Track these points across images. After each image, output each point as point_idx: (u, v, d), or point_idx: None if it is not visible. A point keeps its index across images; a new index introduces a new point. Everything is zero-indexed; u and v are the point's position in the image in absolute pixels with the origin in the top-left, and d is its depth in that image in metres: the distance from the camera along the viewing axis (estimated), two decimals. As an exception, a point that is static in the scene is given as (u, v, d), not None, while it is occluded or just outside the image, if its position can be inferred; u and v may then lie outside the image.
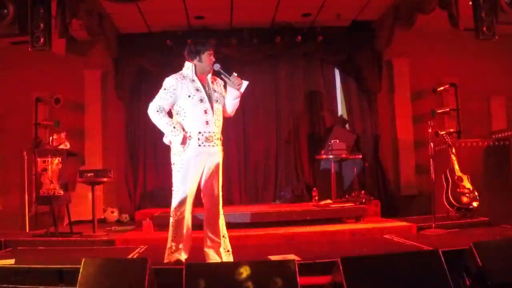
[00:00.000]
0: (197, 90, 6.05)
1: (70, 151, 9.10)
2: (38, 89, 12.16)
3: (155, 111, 6.01)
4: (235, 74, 6.16)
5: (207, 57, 6.15)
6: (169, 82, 6.08)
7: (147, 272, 4.87)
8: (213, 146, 6.07)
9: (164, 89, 6.06)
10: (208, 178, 6.16)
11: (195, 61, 6.17)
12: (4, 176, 12.20)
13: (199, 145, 6.00)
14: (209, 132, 6.02)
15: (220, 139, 6.21)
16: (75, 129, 12.09)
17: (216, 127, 6.10)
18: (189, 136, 5.98)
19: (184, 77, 6.12)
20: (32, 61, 11.92)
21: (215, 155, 6.14)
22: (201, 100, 6.02)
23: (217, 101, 6.15)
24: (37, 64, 12.05)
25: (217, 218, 6.19)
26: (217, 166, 6.17)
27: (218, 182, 6.21)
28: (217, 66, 6.19)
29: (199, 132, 6.00)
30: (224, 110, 6.32)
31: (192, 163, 6.02)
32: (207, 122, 6.02)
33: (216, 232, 6.17)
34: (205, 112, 6.01)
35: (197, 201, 6.33)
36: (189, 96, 6.00)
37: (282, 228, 8.73)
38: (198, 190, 6.24)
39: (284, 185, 12.38)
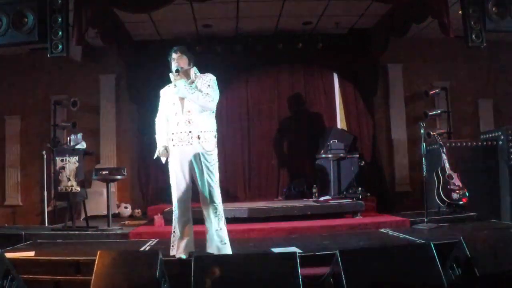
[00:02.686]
0: (174, 94, 6.14)
1: (86, 151, 9.11)
2: (57, 93, 12.24)
3: (156, 124, 6.46)
4: (171, 73, 6.15)
5: (172, 65, 6.22)
6: (160, 93, 6.40)
7: (158, 264, 4.88)
8: (186, 145, 5.99)
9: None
10: (197, 174, 6.08)
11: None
12: (25, 174, 12.27)
13: (173, 145, 6.09)
14: (181, 132, 6.01)
15: (198, 137, 5.98)
16: (91, 130, 12.11)
17: (188, 126, 5.99)
18: (170, 138, 6.17)
19: (169, 86, 6.31)
20: (50, 67, 11.99)
21: (194, 152, 6.00)
22: (174, 104, 6.12)
23: (190, 101, 6.03)
24: (55, 69, 12.12)
25: (208, 212, 6.04)
26: (199, 163, 6.01)
27: (204, 176, 6.01)
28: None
29: (172, 133, 6.10)
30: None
31: (174, 163, 6.12)
32: (177, 123, 6.05)
33: (208, 225, 6.08)
34: (176, 113, 6.08)
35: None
36: (167, 102, 6.24)
37: (284, 223, 8.73)
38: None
39: (286, 182, 12.39)
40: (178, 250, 6.10)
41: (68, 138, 9.43)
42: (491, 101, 12.88)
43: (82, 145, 9.10)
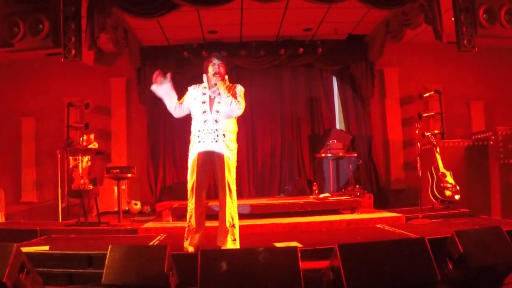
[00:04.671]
0: (203, 94, 6.23)
1: (98, 150, 9.12)
2: (70, 95, 12.24)
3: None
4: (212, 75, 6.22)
5: (211, 68, 6.26)
6: (189, 89, 6.41)
7: (167, 257, 4.89)
8: (212, 142, 6.09)
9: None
10: (217, 170, 6.20)
11: (206, 74, 6.33)
12: (40, 172, 12.31)
13: (199, 142, 6.12)
14: (208, 130, 6.09)
15: (224, 135, 6.14)
16: (102, 131, 12.16)
17: (215, 125, 6.11)
18: (193, 134, 6.21)
19: (199, 85, 6.36)
20: (64, 71, 12.02)
21: (218, 149, 6.12)
22: (203, 102, 6.19)
23: (219, 102, 6.16)
24: (69, 73, 12.17)
25: (224, 207, 6.13)
26: (221, 160, 6.13)
27: (225, 174, 6.13)
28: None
29: (199, 130, 6.14)
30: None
31: (196, 158, 6.13)
32: (205, 121, 6.11)
33: (223, 220, 6.14)
34: (204, 112, 6.14)
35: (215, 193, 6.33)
36: (195, 99, 6.26)
37: (286, 218, 8.72)
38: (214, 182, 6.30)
39: (288, 180, 12.37)
40: (191, 242, 6.15)
41: (81, 138, 9.43)
42: (482, 103, 12.89)
43: (94, 145, 9.11)
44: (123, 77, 12.67)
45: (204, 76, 6.34)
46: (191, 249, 6.08)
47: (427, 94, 12.33)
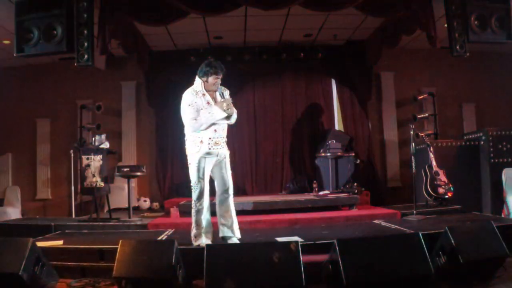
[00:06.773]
0: (208, 103, 6.14)
1: (109, 150, 9.11)
2: (83, 98, 12.28)
3: (194, 123, 6.07)
4: (228, 98, 6.22)
5: (213, 80, 6.14)
6: (188, 97, 6.13)
7: (174, 252, 4.89)
8: (219, 148, 6.18)
9: (188, 105, 6.09)
10: (219, 170, 6.30)
11: (203, 79, 6.18)
12: (54, 171, 12.34)
13: (209, 148, 6.11)
14: (217, 138, 6.16)
15: (225, 142, 6.33)
16: (113, 131, 12.16)
17: (222, 132, 6.24)
18: (201, 141, 6.09)
19: (196, 92, 6.18)
20: (77, 75, 12.02)
21: (222, 153, 6.24)
22: (210, 113, 6.10)
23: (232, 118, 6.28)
24: (82, 77, 12.19)
25: (228, 203, 6.35)
26: (225, 162, 6.29)
27: (227, 172, 6.32)
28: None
29: (209, 138, 6.11)
30: None
31: (204, 163, 6.14)
32: (215, 130, 6.14)
33: (229, 211, 6.34)
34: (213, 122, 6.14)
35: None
36: (202, 109, 6.08)
37: (287, 215, 8.71)
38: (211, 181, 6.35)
39: (289, 178, 12.39)
40: (203, 240, 6.19)
41: (93, 138, 9.43)
42: (474, 105, 12.91)
43: (106, 145, 9.11)
44: (133, 80, 12.70)
45: (201, 82, 6.19)
46: (207, 242, 6.11)
47: (422, 97, 12.29)
